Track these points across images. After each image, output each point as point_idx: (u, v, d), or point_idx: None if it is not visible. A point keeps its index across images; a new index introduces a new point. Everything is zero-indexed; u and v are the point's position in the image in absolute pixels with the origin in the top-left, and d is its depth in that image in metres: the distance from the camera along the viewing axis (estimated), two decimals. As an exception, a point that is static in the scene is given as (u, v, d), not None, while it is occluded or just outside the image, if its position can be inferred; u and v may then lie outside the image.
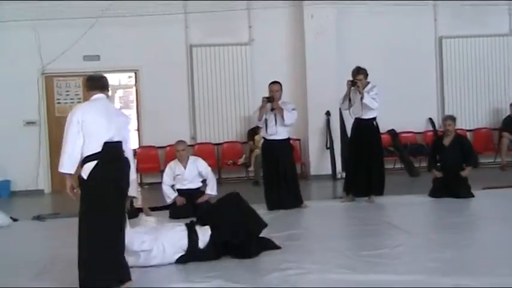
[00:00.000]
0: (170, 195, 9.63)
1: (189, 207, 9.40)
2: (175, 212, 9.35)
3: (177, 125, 13.84)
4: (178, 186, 9.70)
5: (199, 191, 9.74)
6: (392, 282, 5.45)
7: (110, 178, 5.68)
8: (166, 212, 9.55)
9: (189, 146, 13.41)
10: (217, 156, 14.09)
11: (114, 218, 5.69)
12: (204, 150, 13.75)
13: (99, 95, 5.97)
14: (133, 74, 14.61)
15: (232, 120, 14.20)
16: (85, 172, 5.65)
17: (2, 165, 13.14)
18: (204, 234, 6.70)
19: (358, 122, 10.10)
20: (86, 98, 6.14)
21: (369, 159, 9.94)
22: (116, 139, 5.77)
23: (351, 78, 9.92)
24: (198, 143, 14.04)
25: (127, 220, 6.19)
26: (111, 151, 5.72)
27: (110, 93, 6.37)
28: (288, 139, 10.16)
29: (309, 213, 9.62)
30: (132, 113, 16.00)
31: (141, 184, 13.89)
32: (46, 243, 7.68)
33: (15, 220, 9.83)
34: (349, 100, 9.97)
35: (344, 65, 11.96)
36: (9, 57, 13.43)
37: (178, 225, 6.97)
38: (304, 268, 6.03)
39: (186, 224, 6.87)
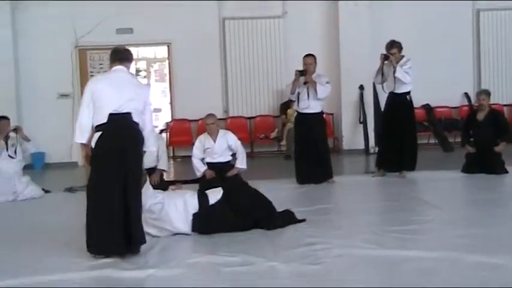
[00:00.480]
0: (200, 169, 9.55)
1: (218, 180, 9.33)
2: (204, 185, 9.21)
3: (210, 98, 13.81)
4: (208, 160, 9.62)
5: (229, 165, 9.63)
6: (418, 258, 5.31)
7: (114, 148, 5.77)
8: (196, 186, 9.50)
9: (222, 119, 13.46)
10: (250, 130, 14.05)
11: (116, 189, 5.71)
12: (236, 124, 13.74)
13: (117, 67, 6.08)
14: (166, 47, 14.58)
15: (265, 93, 14.13)
16: (93, 142, 5.82)
17: (36, 138, 13.05)
18: (215, 194, 6.77)
19: (392, 97, 9.93)
20: None
21: (402, 134, 9.78)
22: (124, 110, 5.81)
23: (385, 52, 9.75)
24: (231, 117, 14.01)
25: (147, 185, 6.33)
26: (117, 122, 5.80)
27: (132, 65, 6.34)
28: (321, 113, 10.00)
29: (339, 187, 9.51)
30: (165, 86, 16.06)
31: (173, 157, 13.94)
32: (76, 213, 7.58)
33: (47, 192, 9.93)
34: (382, 74, 9.81)
35: (378, 38, 11.77)
36: (43, 31, 13.53)
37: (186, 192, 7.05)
38: (330, 243, 5.91)
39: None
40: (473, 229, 6.34)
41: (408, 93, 9.84)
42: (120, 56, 6.14)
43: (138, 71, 24.54)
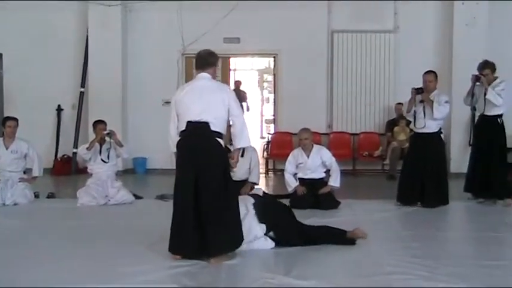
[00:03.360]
0: (291, 184, 9.32)
1: (310, 197, 9.10)
2: (295, 201, 8.99)
3: (314, 112, 13.58)
4: (300, 175, 9.38)
5: (322, 182, 9.38)
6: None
7: (186, 154, 6.01)
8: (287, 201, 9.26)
9: (324, 134, 13.23)
10: (353, 146, 13.64)
11: (188, 193, 5.94)
12: (339, 140, 13.50)
13: (199, 74, 6.25)
14: (272, 58, 14.45)
15: (372, 110, 13.70)
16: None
17: (140, 143, 13.39)
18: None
19: (482, 119, 9.57)
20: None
21: (490, 158, 9.31)
22: (202, 119, 5.96)
23: (476, 73, 9.39)
24: (334, 132, 13.67)
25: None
26: (193, 130, 5.97)
27: (215, 68, 6.47)
28: (438, 132, 9.42)
29: (437, 213, 8.92)
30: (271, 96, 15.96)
31: (273, 170, 13.76)
32: (160, 220, 7.56)
33: (138, 198, 9.96)
34: (473, 96, 9.44)
35: (494, 58, 11.07)
36: (153, 37, 13.77)
37: None
38: (411, 274, 5.47)
39: None
40: None
41: (500, 116, 9.36)
42: (201, 62, 6.30)
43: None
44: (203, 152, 5.99)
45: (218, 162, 6.06)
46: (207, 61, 6.28)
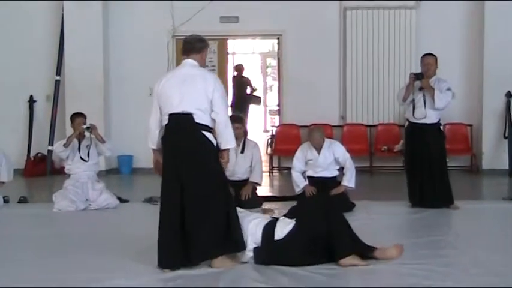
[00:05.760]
0: (299, 184, 9.35)
1: (320, 198, 9.12)
2: (302, 204, 9.06)
3: (324, 102, 13.67)
4: (309, 173, 9.42)
5: (334, 181, 9.42)
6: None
7: (170, 153, 6.13)
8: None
9: (337, 126, 13.27)
10: (370, 140, 13.69)
11: (172, 197, 6.04)
12: (354, 133, 13.57)
13: (184, 61, 6.39)
14: (276, 40, 14.49)
15: (390, 98, 13.59)
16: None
17: (125, 139, 13.37)
18: (284, 226, 6.32)
19: None
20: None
21: None
22: (184, 110, 6.04)
23: None
24: (348, 124, 13.70)
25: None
26: (175, 123, 6.08)
27: (204, 54, 6.48)
28: (438, 123, 9.46)
29: (464, 215, 8.94)
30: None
31: (278, 168, 13.79)
32: (152, 225, 7.63)
33: (124, 201, 10.01)
34: None
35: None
36: (139, 16, 13.75)
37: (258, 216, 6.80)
38: (436, 286, 5.55)
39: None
40: None
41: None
42: (186, 47, 6.41)
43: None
44: (187, 148, 6.08)
45: (205, 160, 6.12)
46: (193, 46, 6.36)
